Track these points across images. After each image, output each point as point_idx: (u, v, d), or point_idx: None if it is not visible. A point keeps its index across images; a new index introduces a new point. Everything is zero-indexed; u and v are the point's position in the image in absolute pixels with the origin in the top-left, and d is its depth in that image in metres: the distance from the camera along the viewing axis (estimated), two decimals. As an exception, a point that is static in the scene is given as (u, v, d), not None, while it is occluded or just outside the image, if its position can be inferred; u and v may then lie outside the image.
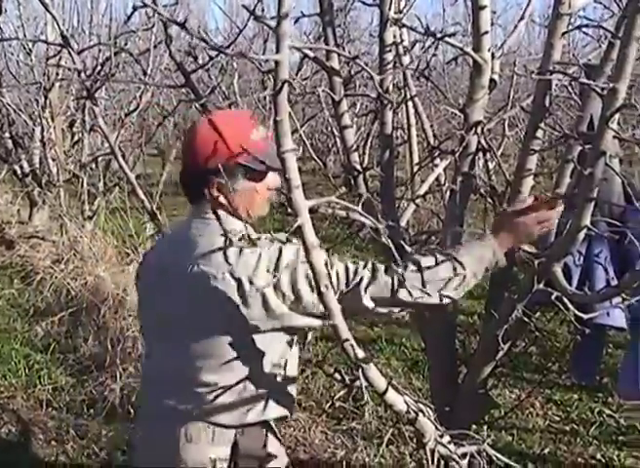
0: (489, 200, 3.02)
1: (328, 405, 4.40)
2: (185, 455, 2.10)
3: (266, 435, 2.17)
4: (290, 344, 2.15)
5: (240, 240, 2.06)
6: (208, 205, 2.14)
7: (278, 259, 2.02)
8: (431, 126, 3.49)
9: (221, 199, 2.12)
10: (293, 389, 2.25)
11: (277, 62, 1.51)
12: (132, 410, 4.51)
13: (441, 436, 2.33)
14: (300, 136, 2.83)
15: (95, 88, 2.84)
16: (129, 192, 6.37)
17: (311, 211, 1.80)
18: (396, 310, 2.21)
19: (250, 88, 13.89)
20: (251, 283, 1.99)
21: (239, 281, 2.00)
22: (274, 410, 2.16)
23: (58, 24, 2.45)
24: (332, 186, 10.70)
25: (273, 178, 2.20)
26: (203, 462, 2.08)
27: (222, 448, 2.10)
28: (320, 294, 1.84)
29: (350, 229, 9.01)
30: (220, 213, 2.13)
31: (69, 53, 2.48)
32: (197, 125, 2.19)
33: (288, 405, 2.23)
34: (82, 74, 2.56)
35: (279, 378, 2.15)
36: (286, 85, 1.52)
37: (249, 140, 2.09)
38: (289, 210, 1.69)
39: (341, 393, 4.09)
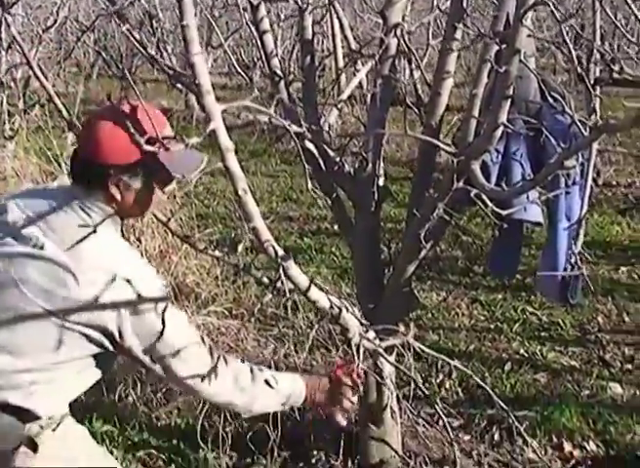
0: (415, 110, 3.05)
1: (257, 309, 4.46)
2: None
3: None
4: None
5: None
6: (98, 195, 2.02)
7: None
8: (355, 35, 3.52)
9: (117, 195, 2.01)
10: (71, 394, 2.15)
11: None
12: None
13: (366, 331, 2.40)
14: (225, 51, 2.80)
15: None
16: (50, 111, 6.24)
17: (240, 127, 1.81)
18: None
19: (172, 2, 13.59)
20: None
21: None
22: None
23: None
24: (257, 98, 10.64)
25: (172, 185, 2.16)
26: None
27: None
28: (238, 197, 1.86)
29: (275, 140, 8.99)
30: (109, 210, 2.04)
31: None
32: (103, 113, 2.03)
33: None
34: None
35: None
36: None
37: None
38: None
39: (269, 297, 4.14)
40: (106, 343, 2.00)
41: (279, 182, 8.38)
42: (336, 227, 6.54)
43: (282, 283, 1.96)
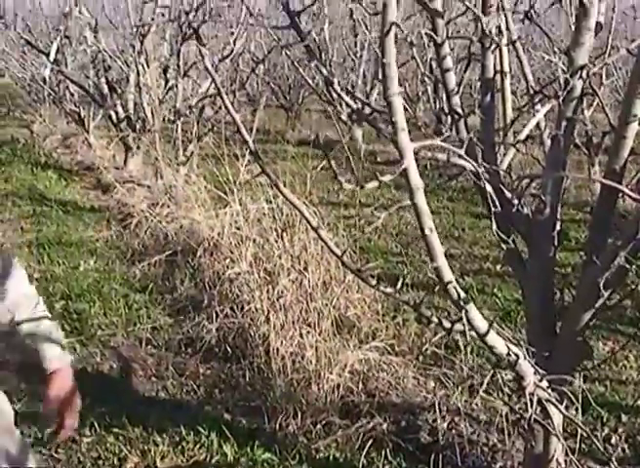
0: (584, 151, 2.97)
1: (424, 349, 4.43)
2: None
3: None
4: None
5: None
6: None
7: None
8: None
9: None
10: None
11: (385, 4, 1.51)
12: (229, 350, 4.64)
13: (540, 380, 2.34)
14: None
15: (195, 27, 2.85)
16: (226, 138, 6.44)
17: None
18: None
19: (341, 34, 13.83)
20: None
21: None
22: None
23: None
24: (422, 135, 10.73)
25: None
26: None
27: None
28: (424, 236, 1.86)
29: (441, 178, 8.96)
30: None
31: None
32: None
33: None
34: (190, 15, 2.59)
35: None
36: (393, 27, 1.52)
37: None
38: (378, 159, 1.70)
39: (438, 336, 4.11)
40: None
41: (441, 219, 8.33)
42: (499, 267, 6.44)
43: (462, 325, 1.94)
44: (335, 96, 2.80)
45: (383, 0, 1.51)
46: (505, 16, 3.11)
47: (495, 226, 2.21)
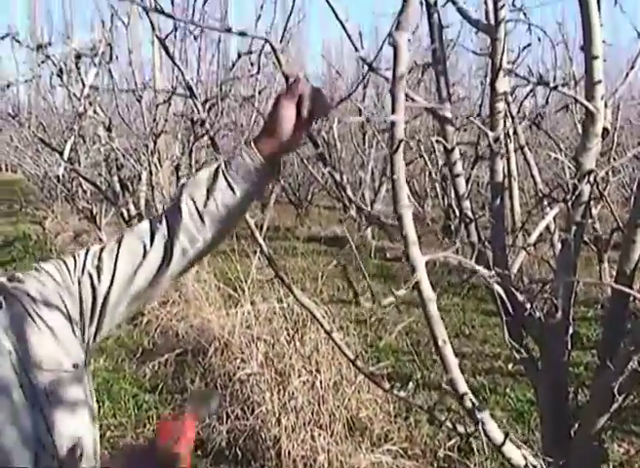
0: (592, 248, 2.99)
1: (438, 453, 4.38)
2: None
3: None
4: None
5: None
6: None
7: None
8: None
9: None
10: None
11: (393, 123, 1.55)
12: (239, 453, 4.58)
13: (557, 489, 2.31)
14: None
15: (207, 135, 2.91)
16: (236, 235, 6.49)
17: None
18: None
19: (349, 131, 14.07)
20: None
21: None
22: None
23: (183, 75, 2.52)
24: (430, 231, 10.83)
25: None
26: None
27: None
28: (438, 347, 1.86)
29: (450, 275, 8.96)
30: None
31: (194, 103, 2.56)
32: None
33: None
34: (206, 123, 2.66)
35: None
36: (402, 144, 1.56)
37: None
38: (387, 255, 1.72)
39: (452, 442, 4.06)
40: None
41: (451, 317, 8.30)
42: (510, 366, 6.39)
43: (478, 436, 1.92)
44: (343, 194, 2.84)
45: (392, 119, 1.55)
46: (513, 121, 3.18)
47: (507, 336, 2.21)
